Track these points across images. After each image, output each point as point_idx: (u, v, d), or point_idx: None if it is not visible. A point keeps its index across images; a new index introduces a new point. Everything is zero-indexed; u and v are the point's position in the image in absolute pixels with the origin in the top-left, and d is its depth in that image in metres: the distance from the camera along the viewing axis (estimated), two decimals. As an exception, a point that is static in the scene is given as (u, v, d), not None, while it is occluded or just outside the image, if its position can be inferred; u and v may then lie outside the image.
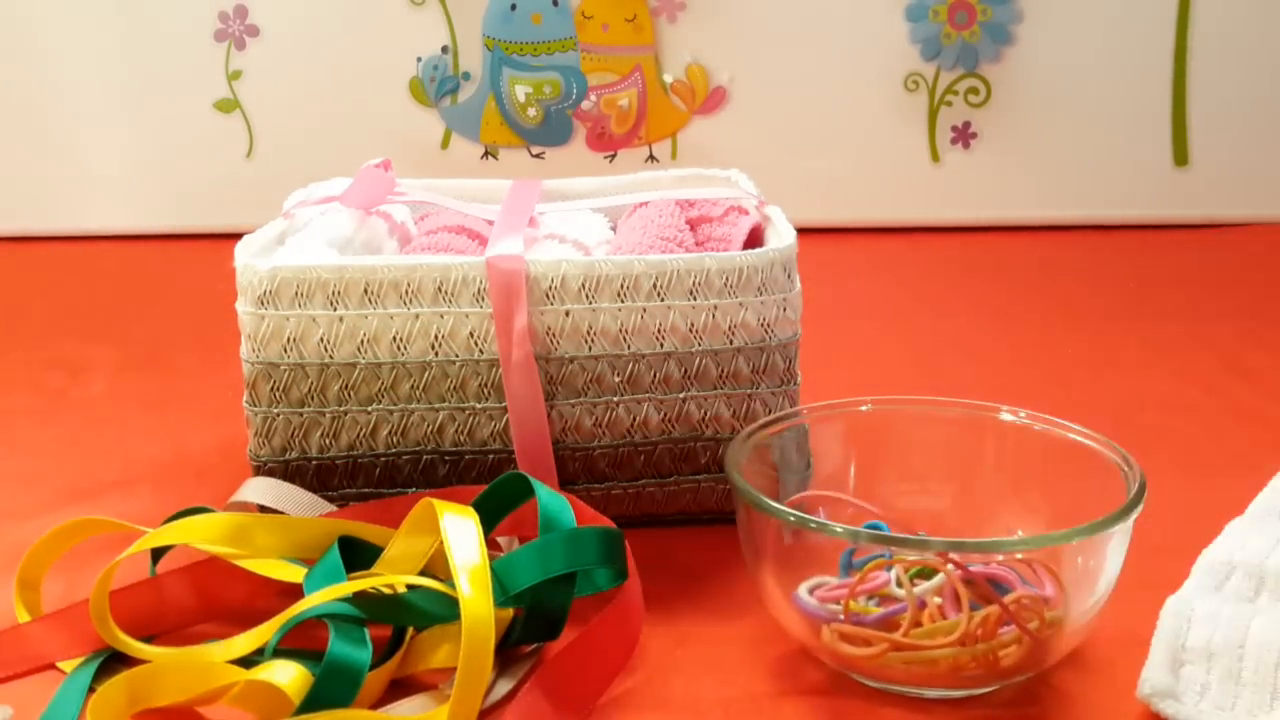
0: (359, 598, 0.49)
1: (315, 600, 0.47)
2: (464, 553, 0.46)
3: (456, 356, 0.58)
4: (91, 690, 0.47)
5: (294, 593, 0.52)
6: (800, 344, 0.62)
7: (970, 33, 1.28)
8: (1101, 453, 0.51)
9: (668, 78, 1.30)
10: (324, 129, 1.30)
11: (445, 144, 1.32)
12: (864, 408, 0.58)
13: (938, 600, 0.48)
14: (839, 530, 0.47)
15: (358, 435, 0.59)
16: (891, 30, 1.29)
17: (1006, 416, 0.56)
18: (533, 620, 0.49)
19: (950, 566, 0.46)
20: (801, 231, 0.64)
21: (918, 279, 1.16)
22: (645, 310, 0.58)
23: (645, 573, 0.52)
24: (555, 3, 1.28)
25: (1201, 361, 0.88)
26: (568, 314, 0.58)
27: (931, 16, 1.28)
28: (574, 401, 0.59)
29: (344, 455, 0.59)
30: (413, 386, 0.58)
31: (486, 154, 1.32)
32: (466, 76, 1.30)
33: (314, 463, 0.59)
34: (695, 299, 0.58)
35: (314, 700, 0.43)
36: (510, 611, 0.50)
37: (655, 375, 0.59)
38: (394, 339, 0.58)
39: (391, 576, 0.51)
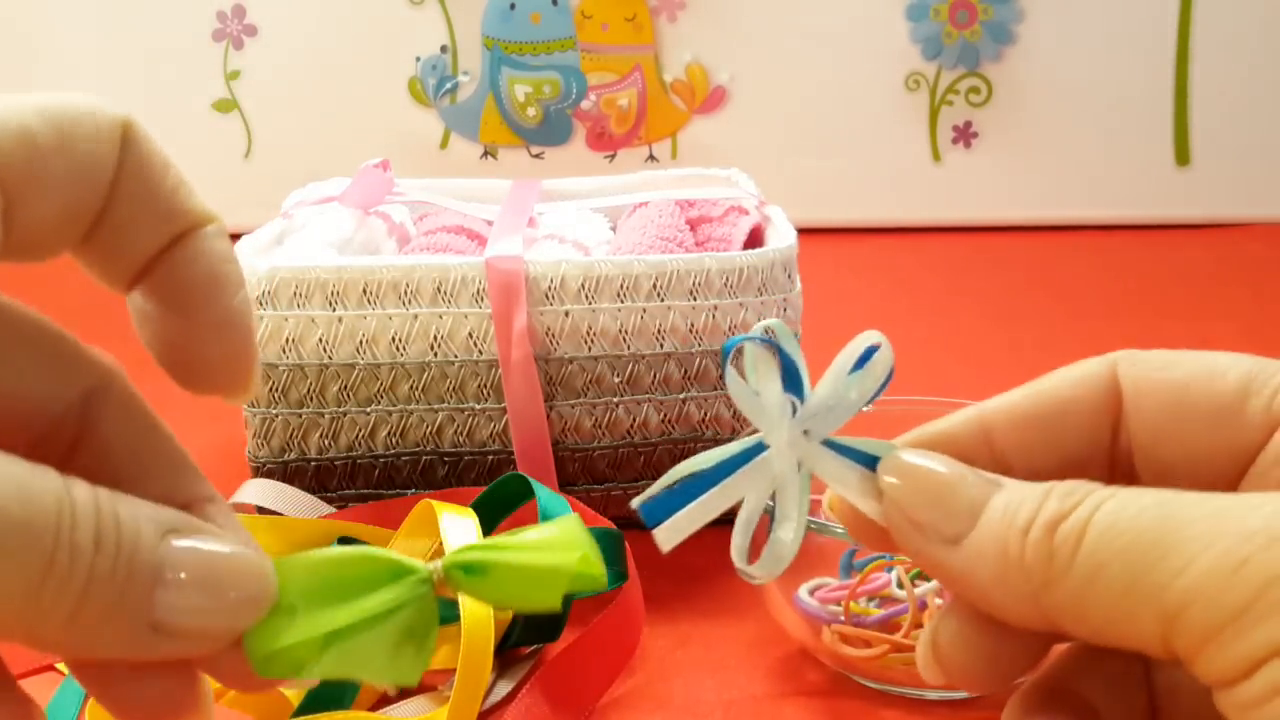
0: (358, 599, 0.48)
1: (314, 602, 0.47)
2: (463, 554, 0.46)
3: (455, 357, 0.58)
4: (89, 692, 0.47)
5: (293, 594, 0.51)
6: (800, 344, 0.61)
7: (971, 32, 1.28)
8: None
9: (667, 77, 1.30)
10: (322, 129, 1.30)
11: (444, 144, 1.32)
12: (865, 408, 0.57)
13: (939, 601, 0.47)
14: (839, 531, 0.47)
15: (356, 436, 0.59)
16: (892, 29, 1.29)
17: (1008, 417, 0.55)
18: (532, 621, 0.49)
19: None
20: (801, 231, 0.63)
21: (918, 279, 1.16)
22: (645, 310, 0.58)
23: (645, 574, 0.52)
24: (554, 2, 1.28)
25: (1202, 361, 0.88)
26: (567, 314, 0.57)
27: (932, 16, 1.28)
28: (573, 402, 0.58)
29: (343, 456, 0.59)
30: (412, 387, 0.58)
31: (486, 154, 1.32)
32: (466, 75, 1.30)
33: (313, 464, 0.59)
34: (695, 299, 0.58)
35: (314, 701, 0.43)
36: (510, 612, 0.50)
37: (655, 376, 0.58)
38: (393, 339, 0.58)
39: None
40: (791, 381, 0.24)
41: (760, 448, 0.24)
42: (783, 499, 0.24)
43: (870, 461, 0.24)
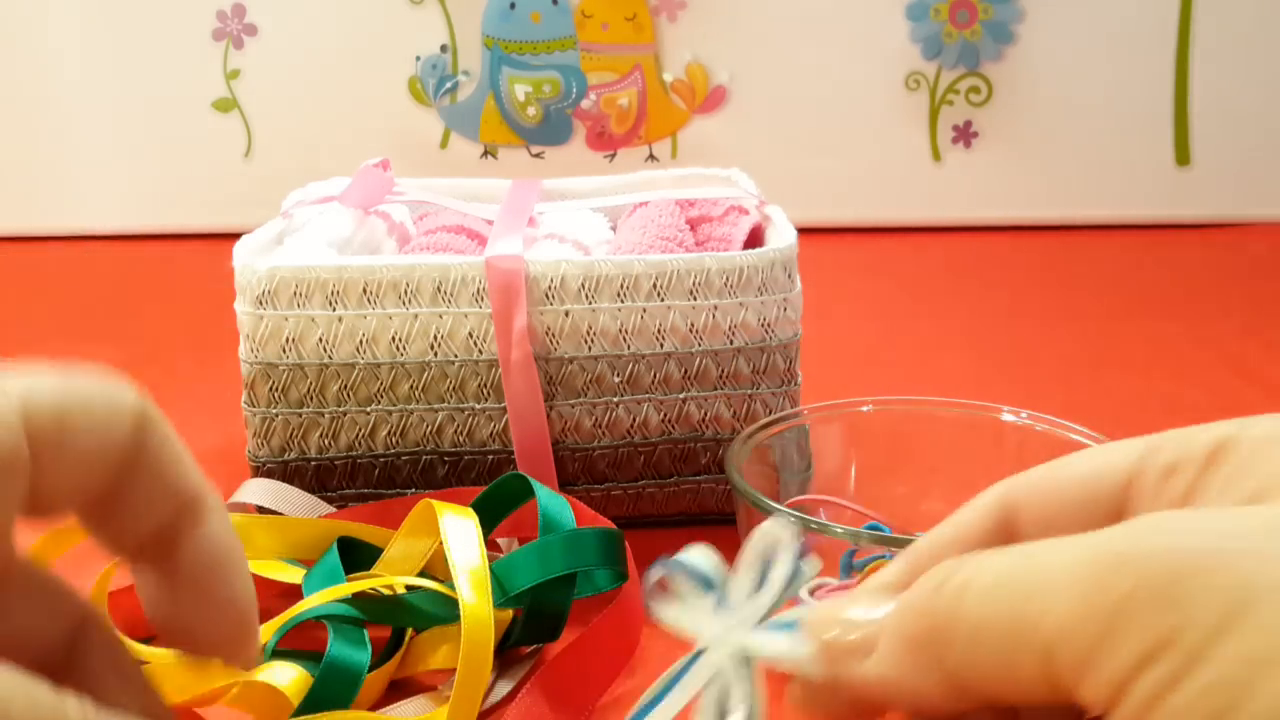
0: (358, 599, 0.48)
1: (314, 601, 0.47)
2: (463, 554, 0.46)
3: (455, 357, 0.58)
4: (89, 692, 0.47)
5: (293, 594, 0.51)
6: (801, 344, 0.61)
7: (971, 31, 1.28)
8: (1103, 453, 0.51)
9: (668, 77, 1.30)
10: (322, 128, 1.30)
11: (444, 143, 1.32)
12: (865, 408, 0.57)
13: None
14: (839, 531, 0.47)
15: (357, 436, 0.59)
16: (892, 29, 1.29)
17: (1008, 417, 0.56)
18: (532, 621, 0.49)
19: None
20: (802, 231, 0.63)
21: (918, 279, 1.16)
22: (645, 310, 0.58)
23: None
24: (555, 1, 1.28)
25: (1202, 361, 0.88)
26: (567, 314, 0.57)
27: (933, 15, 1.28)
28: (574, 402, 0.58)
29: (343, 456, 0.59)
30: (412, 387, 0.58)
31: (486, 153, 1.32)
32: (466, 75, 1.30)
33: (313, 463, 0.59)
34: (695, 299, 0.58)
35: (313, 701, 0.43)
36: (510, 612, 0.50)
37: (655, 376, 0.58)
38: (393, 339, 0.57)
39: (390, 577, 0.51)
40: (710, 588, 0.26)
41: (700, 654, 0.26)
42: (730, 691, 0.25)
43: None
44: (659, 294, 0.58)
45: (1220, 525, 0.18)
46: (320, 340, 0.57)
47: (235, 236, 0.61)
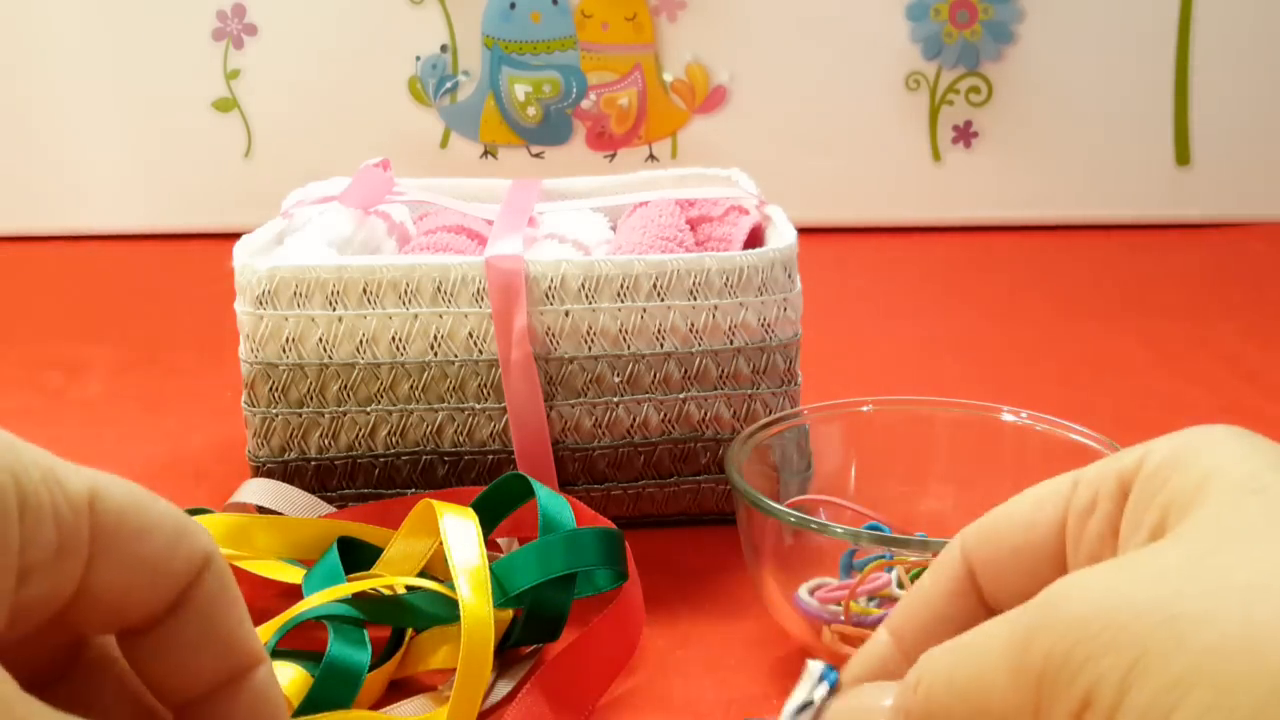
0: (358, 599, 0.48)
1: (314, 601, 0.47)
2: (463, 554, 0.46)
3: (455, 357, 0.58)
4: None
5: (293, 594, 0.51)
6: (801, 344, 0.61)
7: (971, 31, 1.28)
8: (1103, 453, 0.51)
9: (668, 77, 1.30)
10: (323, 128, 1.30)
11: (444, 143, 1.32)
12: (865, 408, 0.57)
13: (939, 601, 0.47)
14: (840, 531, 0.47)
15: (357, 436, 0.59)
16: (892, 29, 1.29)
17: (1008, 417, 0.56)
18: (532, 621, 0.49)
19: (951, 567, 0.46)
20: (802, 231, 0.63)
21: (918, 279, 1.16)
22: (645, 310, 0.58)
23: (645, 573, 0.52)
24: (555, 1, 1.28)
25: (1203, 361, 0.88)
26: (567, 314, 0.57)
27: (933, 15, 1.28)
28: (574, 402, 0.58)
29: (343, 456, 0.59)
30: (412, 387, 0.58)
31: (486, 153, 1.32)
32: (466, 75, 1.30)
33: (313, 463, 0.59)
34: (695, 299, 0.58)
35: (313, 701, 0.43)
36: (510, 612, 0.50)
37: (655, 376, 0.58)
38: (393, 339, 0.57)
39: (391, 578, 0.51)
40: None
41: None
42: None
43: None
44: (659, 294, 0.58)
45: (1109, 583, 0.20)
46: (320, 340, 0.57)
47: (235, 236, 0.61)
